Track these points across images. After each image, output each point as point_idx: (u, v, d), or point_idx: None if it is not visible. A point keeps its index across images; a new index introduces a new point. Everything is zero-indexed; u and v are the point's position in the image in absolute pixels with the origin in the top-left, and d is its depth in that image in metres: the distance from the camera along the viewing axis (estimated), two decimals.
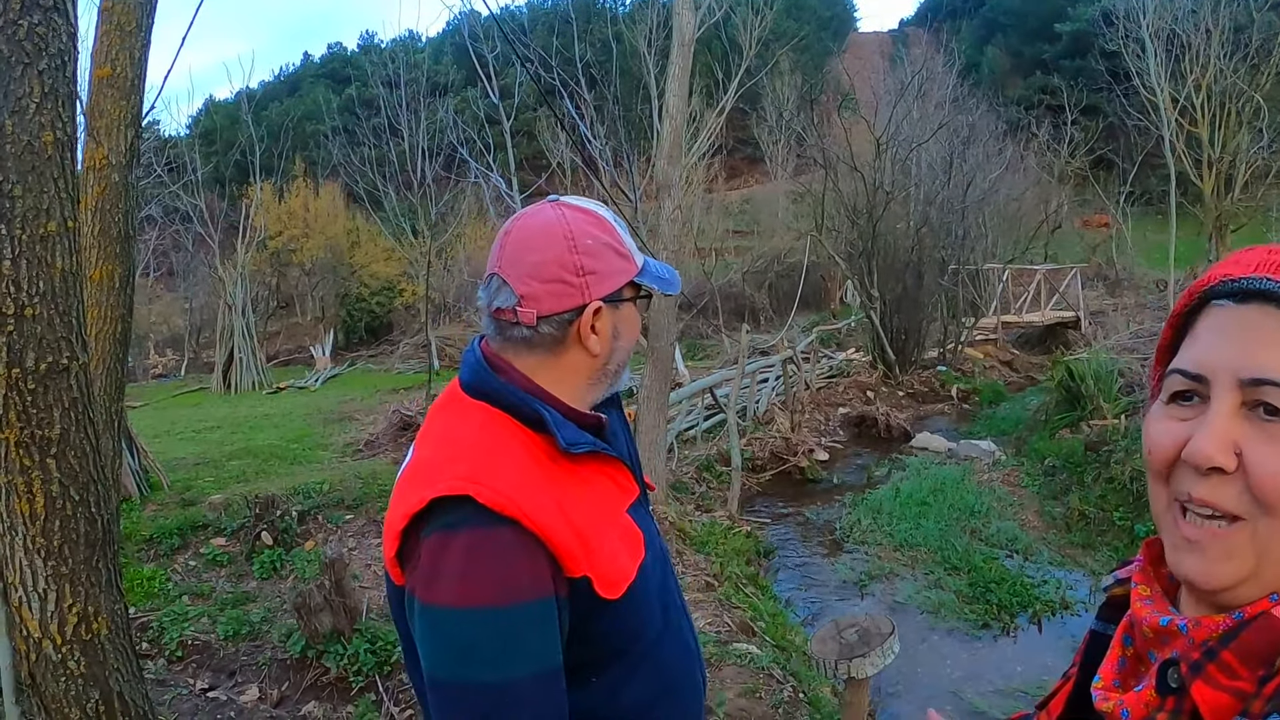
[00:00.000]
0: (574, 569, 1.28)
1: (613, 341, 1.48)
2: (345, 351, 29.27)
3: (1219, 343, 0.74)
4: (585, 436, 1.41)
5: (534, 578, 1.25)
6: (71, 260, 2.41)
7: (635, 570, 1.38)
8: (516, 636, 1.24)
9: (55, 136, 2.33)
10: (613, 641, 1.38)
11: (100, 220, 3.55)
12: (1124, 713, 0.75)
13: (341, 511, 7.83)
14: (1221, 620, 0.72)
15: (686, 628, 1.55)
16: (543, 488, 1.30)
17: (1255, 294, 0.73)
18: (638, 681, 1.42)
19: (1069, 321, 21.38)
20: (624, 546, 1.39)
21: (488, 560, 1.23)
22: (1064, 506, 9.10)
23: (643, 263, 1.50)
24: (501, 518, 1.23)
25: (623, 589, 1.34)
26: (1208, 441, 0.71)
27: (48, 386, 2.37)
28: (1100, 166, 30.61)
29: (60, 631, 2.51)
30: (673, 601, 1.52)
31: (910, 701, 5.76)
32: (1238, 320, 0.74)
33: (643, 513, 1.52)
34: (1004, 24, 48.58)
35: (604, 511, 1.40)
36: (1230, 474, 0.71)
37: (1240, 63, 21.29)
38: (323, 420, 14.51)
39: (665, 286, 1.53)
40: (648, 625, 1.43)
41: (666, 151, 11.16)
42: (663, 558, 1.53)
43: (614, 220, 1.48)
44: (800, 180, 27.74)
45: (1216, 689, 0.69)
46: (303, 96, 47.01)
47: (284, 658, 5.29)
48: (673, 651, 1.49)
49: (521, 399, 1.39)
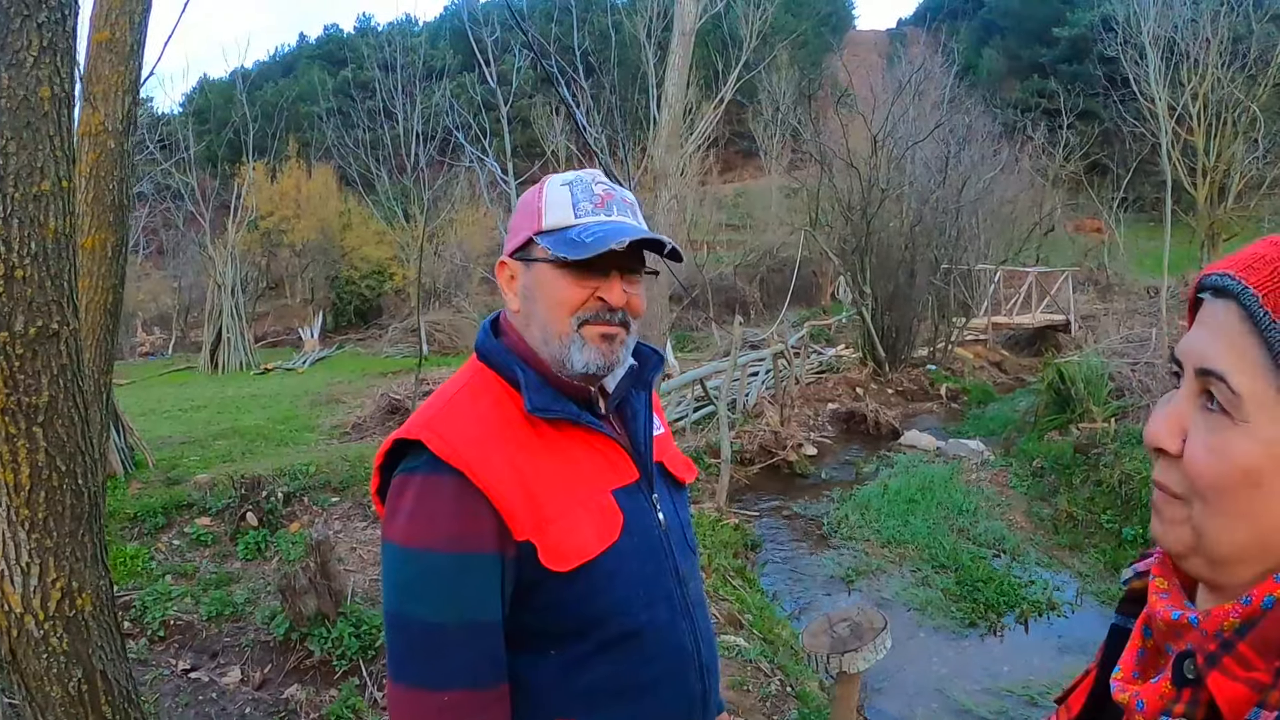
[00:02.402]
0: (518, 532, 1.31)
1: (527, 303, 1.46)
2: (334, 334, 29.17)
3: (1194, 333, 0.79)
4: (560, 404, 1.42)
5: (472, 530, 1.30)
6: (65, 221, 2.34)
7: (599, 550, 1.37)
8: (450, 583, 1.30)
9: (53, 92, 2.26)
10: (565, 618, 1.38)
11: (94, 187, 3.48)
12: (1139, 704, 0.76)
13: (328, 494, 7.79)
14: (1231, 608, 0.73)
15: (685, 629, 1.50)
16: (499, 446, 1.35)
17: (1220, 290, 0.77)
18: (599, 668, 1.40)
19: (1059, 325, 21.44)
20: (591, 524, 1.38)
21: (432, 506, 1.30)
22: (1052, 508, 9.11)
23: (557, 224, 1.43)
24: (448, 467, 1.29)
25: (573, 564, 1.34)
26: (1154, 423, 0.79)
27: (36, 352, 2.30)
28: (1094, 171, 30.71)
29: (43, 607, 2.45)
30: (667, 597, 1.47)
31: (897, 698, 5.76)
32: (1208, 313, 0.78)
33: (638, 499, 1.48)
34: (1002, 26, 48.77)
35: (576, 484, 1.40)
36: (1176, 457, 0.76)
37: (1238, 73, 21.38)
38: (310, 402, 14.44)
39: (570, 249, 1.39)
40: (615, 612, 1.40)
41: (664, 140, 11.12)
42: (656, 549, 1.48)
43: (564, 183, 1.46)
44: (795, 175, 27.73)
45: (1233, 680, 0.70)
46: (298, 77, 46.85)
47: (267, 640, 5.25)
48: (658, 649, 1.44)
49: (504, 359, 1.45)
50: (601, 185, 1.47)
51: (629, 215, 1.46)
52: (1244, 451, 0.72)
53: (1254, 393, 0.72)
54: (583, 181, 1.46)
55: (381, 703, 4.70)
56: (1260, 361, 0.72)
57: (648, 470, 1.52)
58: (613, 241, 1.35)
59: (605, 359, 1.43)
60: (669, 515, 1.54)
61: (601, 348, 1.42)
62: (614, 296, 1.41)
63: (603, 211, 1.44)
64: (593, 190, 1.46)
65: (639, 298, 1.47)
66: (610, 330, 1.43)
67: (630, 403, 1.58)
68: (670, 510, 1.55)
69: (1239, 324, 0.74)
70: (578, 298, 1.41)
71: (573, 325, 1.41)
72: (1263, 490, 0.72)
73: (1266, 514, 0.72)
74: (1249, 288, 0.74)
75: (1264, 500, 0.72)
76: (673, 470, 1.64)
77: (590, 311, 1.42)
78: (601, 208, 1.45)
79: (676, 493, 1.63)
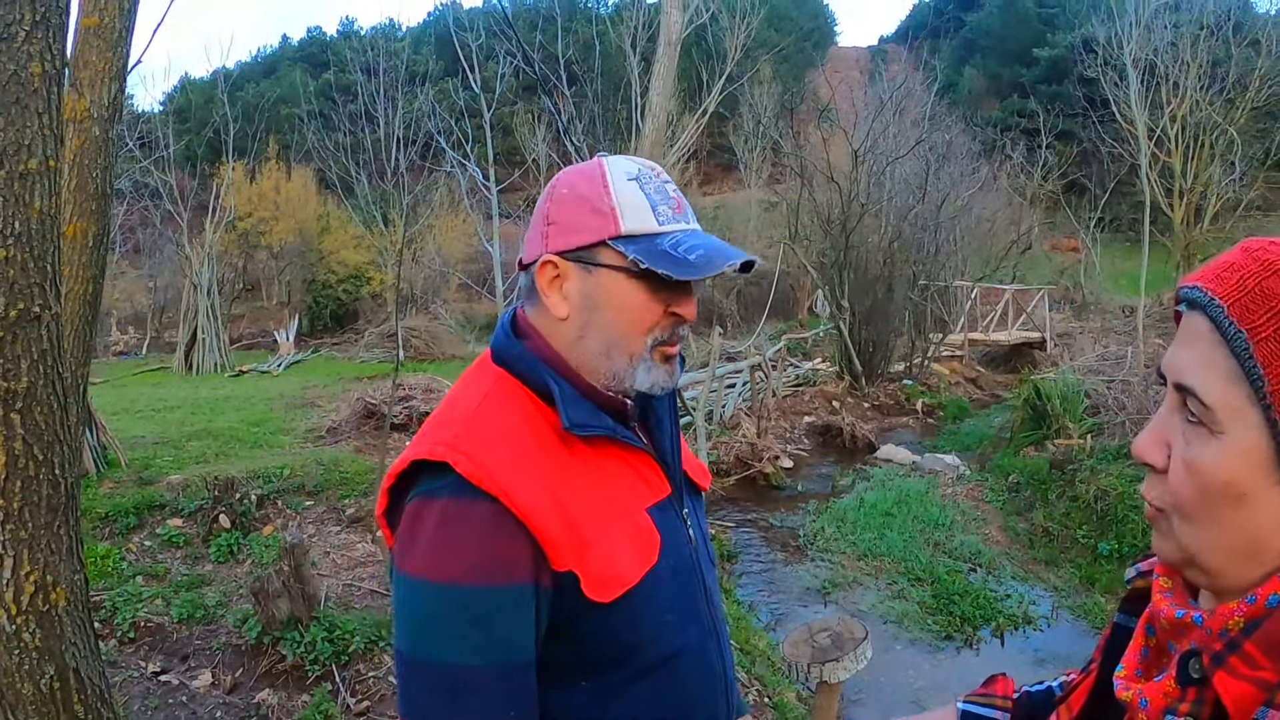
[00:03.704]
0: (559, 562, 1.18)
1: (585, 312, 1.29)
2: (309, 338, 29.00)
3: (1174, 344, 0.80)
4: (599, 419, 1.28)
5: (510, 561, 1.16)
6: (50, 202, 2.28)
7: (639, 576, 1.24)
8: (482, 621, 1.16)
9: (43, 68, 2.21)
10: (604, 648, 1.26)
11: (78, 175, 3.41)
12: (1142, 702, 0.75)
13: (302, 497, 7.74)
14: (1235, 607, 0.72)
15: (713, 649, 1.39)
16: (536, 467, 1.20)
17: (1192, 303, 0.78)
18: (635, 697, 1.29)
19: (1035, 342, 21.60)
20: (630, 548, 1.26)
21: (461, 534, 1.16)
22: (1028, 523, 9.14)
23: (639, 229, 1.27)
24: (480, 491, 1.15)
25: (616, 593, 1.21)
26: (1140, 439, 0.80)
27: (17, 335, 2.24)
28: (1072, 191, 31.01)
29: (16, 601, 2.39)
30: (697, 617, 1.36)
31: (873, 709, 5.75)
32: (1184, 326, 0.79)
33: (670, 515, 1.36)
34: (983, 46, 49.30)
35: (614, 505, 1.27)
36: (1161, 472, 0.77)
37: (1216, 96, 21.67)
38: (285, 405, 14.31)
39: (673, 267, 1.24)
40: (653, 639, 1.28)
41: (647, 150, 11.12)
42: (689, 567, 1.37)
43: (630, 177, 1.29)
44: (775, 189, 27.84)
45: (1239, 680, 0.69)
46: (279, 79, 46.71)
47: (239, 643, 5.20)
48: (689, 672, 1.33)
49: (532, 367, 1.30)
50: (671, 185, 1.33)
51: (696, 222, 1.34)
52: (1222, 465, 0.72)
53: (1225, 403, 0.73)
54: (650, 178, 1.31)
55: (355, 708, 4.65)
56: (1230, 371, 0.73)
57: (678, 483, 1.42)
58: (724, 264, 1.24)
59: (670, 379, 1.34)
60: (696, 530, 1.44)
61: (667, 369, 1.33)
62: (690, 313, 1.31)
63: (681, 219, 1.31)
64: (667, 193, 1.31)
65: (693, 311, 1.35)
66: (673, 351, 1.33)
67: (654, 409, 1.46)
68: (696, 524, 1.46)
69: (1209, 335, 0.75)
70: (654, 315, 1.29)
71: (647, 345, 1.30)
72: (1246, 501, 0.72)
73: (1252, 523, 0.72)
74: (1214, 299, 0.75)
75: (1249, 511, 0.72)
76: (694, 478, 1.52)
77: (666, 331, 1.30)
78: (680, 213, 1.31)
79: (699, 502, 1.53)
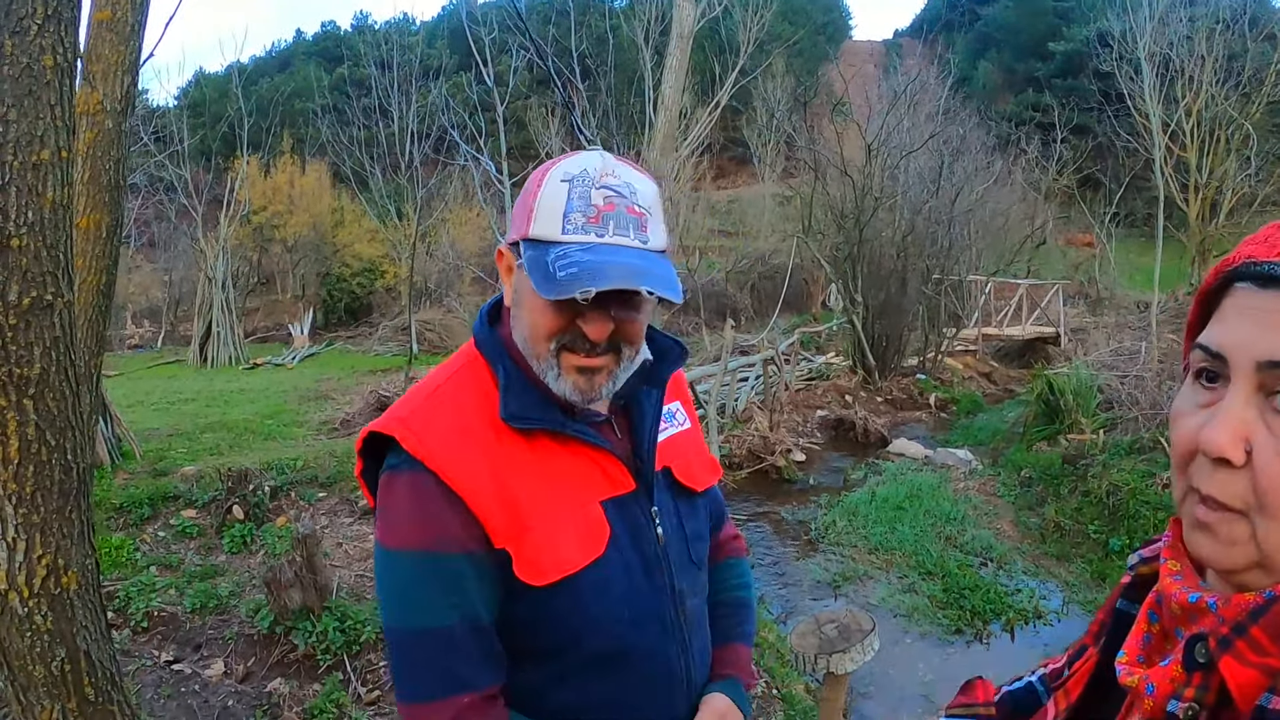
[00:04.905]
0: (496, 539, 1.24)
1: (515, 306, 1.33)
2: (324, 331, 29.07)
3: (1240, 324, 0.73)
4: (544, 412, 1.30)
5: (455, 532, 1.23)
6: (63, 192, 2.30)
7: (580, 566, 1.27)
8: (440, 584, 1.24)
9: (55, 61, 2.23)
10: (543, 633, 1.30)
11: (91, 167, 3.45)
12: (1149, 687, 0.74)
13: (314, 489, 7.78)
14: (1252, 599, 0.70)
15: (675, 652, 1.39)
16: (480, 448, 1.26)
17: (1276, 279, 0.71)
18: (579, 688, 1.33)
19: (1049, 337, 21.48)
20: (574, 537, 1.28)
21: (412, 505, 1.24)
22: (1039, 517, 9.11)
23: (542, 235, 1.23)
24: (422, 466, 1.22)
25: (551, 578, 1.25)
26: (1219, 431, 0.70)
27: (30, 323, 2.27)
28: (1087, 186, 30.82)
29: (28, 584, 2.42)
30: (658, 617, 1.37)
31: (882, 703, 5.76)
32: (1259, 304, 0.72)
33: (631, 511, 1.36)
34: (998, 40, 49.00)
35: (562, 493, 1.29)
36: (1238, 468, 0.70)
37: (1232, 90, 21.54)
38: (299, 398, 14.40)
39: (541, 281, 1.20)
40: (597, 632, 1.31)
41: (659, 143, 11.14)
42: (651, 566, 1.37)
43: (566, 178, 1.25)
44: (788, 183, 27.77)
45: (1245, 665, 0.68)
46: (294, 73, 46.75)
47: (251, 633, 5.24)
48: (641, 672, 1.35)
49: (493, 353, 1.34)
50: (605, 190, 1.24)
51: (629, 233, 1.24)
52: None
53: None
54: (587, 179, 1.24)
55: (366, 697, 4.68)
56: None
57: (647, 480, 1.40)
58: (578, 289, 1.16)
59: (582, 394, 1.29)
60: (670, 528, 1.42)
61: (577, 381, 1.28)
62: (594, 331, 1.24)
63: (595, 229, 1.22)
64: (591, 196, 1.23)
65: (637, 322, 1.29)
66: (590, 363, 1.27)
67: (639, 402, 1.43)
68: (673, 523, 1.43)
69: None
70: (553, 323, 1.25)
71: (551, 350, 1.27)
72: None
73: None
74: None
75: None
76: (681, 477, 1.48)
77: (569, 339, 1.26)
78: (595, 222, 1.22)
79: (686, 503, 1.48)
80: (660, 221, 1.31)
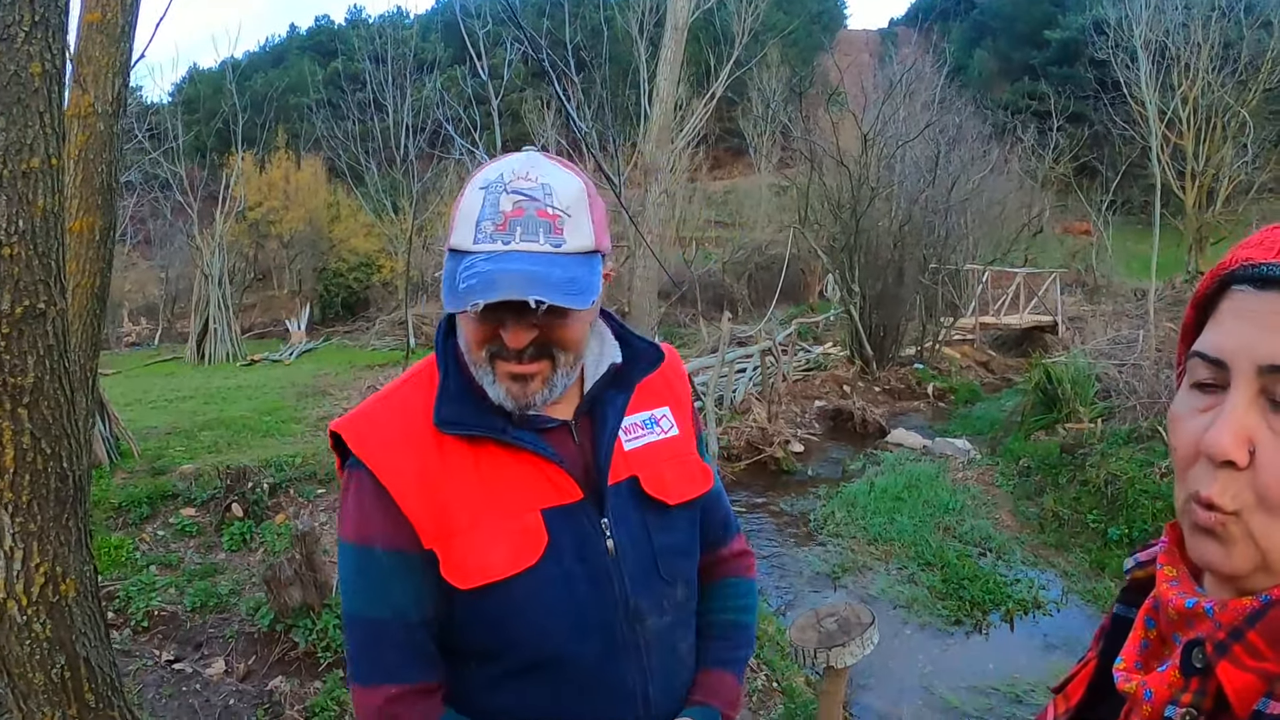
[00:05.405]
0: (425, 540, 1.26)
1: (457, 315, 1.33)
2: (321, 326, 29.05)
3: (1239, 328, 0.72)
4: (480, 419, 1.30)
5: (383, 529, 1.27)
6: (54, 199, 2.30)
7: (509, 573, 1.26)
8: (384, 578, 1.29)
9: (43, 68, 2.23)
10: (477, 637, 1.31)
11: (83, 169, 3.44)
12: (1147, 693, 0.74)
13: (313, 485, 7.77)
14: (1249, 603, 0.70)
15: (628, 667, 1.36)
16: (415, 450, 1.29)
17: (1275, 281, 0.70)
18: (517, 692, 1.33)
19: (1046, 326, 21.51)
20: (505, 544, 1.27)
21: (354, 502, 1.30)
22: (1038, 507, 9.12)
23: (458, 245, 1.23)
24: (362, 464, 1.27)
25: (475, 583, 1.25)
26: (1222, 433, 0.69)
27: (23, 331, 2.26)
28: (1083, 174, 30.85)
29: (26, 592, 2.43)
30: (605, 629, 1.34)
31: (882, 695, 5.77)
32: (1258, 306, 0.71)
33: (577, 520, 1.32)
34: (994, 28, 48.99)
35: (496, 498, 1.28)
36: (1241, 470, 0.69)
37: (1228, 78, 21.54)
38: (296, 394, 14.37)
39: (448, 292, 1.21)
40: (529, 640, 1.30)
41: (655, 135, 11.13)
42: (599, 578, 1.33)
43: (483, 185, 1.24)
44: (785, 173, 27.75)
45: (1242, 670, 0.68)
46: (288, 68, 46.75)
47: (251, 631, 5.24)
48: (580, 684, 1.33)
49: (441, 359, 1.36)
50: (515, 195, 1.21)
51: (539, 238, 1.21)
52: None
53: None
54: (500, 185, 1.22)
55: None
56: None
57: (599, 489, 1.35)
58: (469, 304, 1.16)
59: (517, 400, 1.27)
60: (626, 540, 1.36)
61: (511, 388, 1.27)
62: (512, 339, 1.23)
63: (502, 236, 1.20)
64: (500, 202, 1.21)
65: (567, 328, 1.25)
66: (521, 370, 1.26)
67: (601, 411, 1.40)
68: (632, 535, 1.37)
69: None
70: (479, 333, 1.25)
71: (484, 358, 1.27)
72: None
73: None
74: None
75: None
76: (650, 487, 1.41)
77: (496, 347, 1.25)
78: (503, 230, 1.20)
79: (656, 515, 1.41)
80: (584, 219, 1.26)
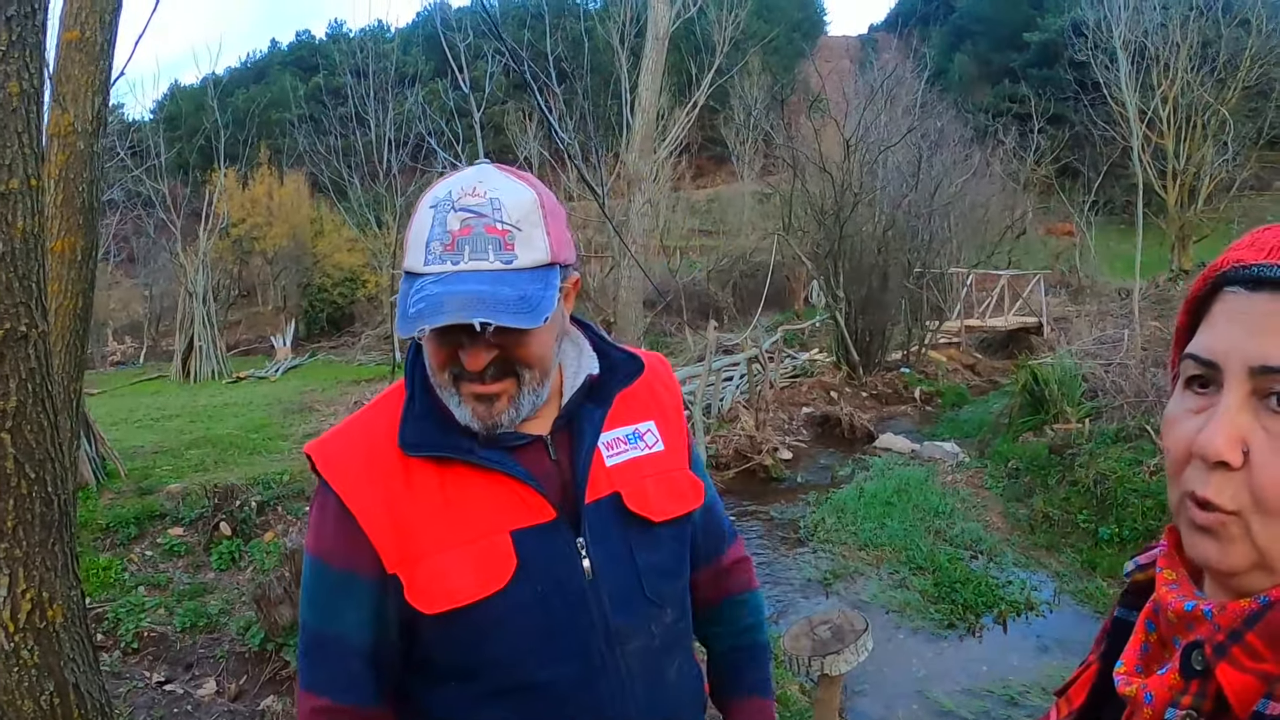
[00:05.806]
0: (388, 564, 1.25)
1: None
2: (306, 342, 28.94)
3: (1231, 329, 0.72)
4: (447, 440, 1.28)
5: (347, 550, 1.27)
6: (33, 221, 2.27)
7: (476, 597, 1.23)
8: (331, 595, 1.30)
9: (21, 88, 2.20)
10: (449, 660, 1.30)
11: (64, 189, 3.40)
12: (1147, 696, 0.74)
13: (302, 502, 7.73)
14: (1247, 605, 0.70)
15: (607, 691, 1.32)
16: (380, 473, 1.27)
17: (1266, 282, 0.71)
18: (491, 713, 1.31)
19: (1032, 327, 21.58)
20: (472, 567, 1.24)
21: (317, 518, 1.31)
22: (1028, 509, 9.14)
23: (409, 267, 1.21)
24: (329, 486, 1.27)
25: (441, 607, 1.23)
26: (1215, 434, 0.70)
27: (4, 355, 2.23)
28: (1065, 175, 30.99)
29: (13, 619, 2.40)
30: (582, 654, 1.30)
31: (877, 700, 5.76)
32: (1249, 307, 0.71)
33: (551, 541, 1.29)
34: (973, 31, 49.20)
35: (462, 520, 1.26)
36: (1235, 470, 0.69)
37: (1207, 76, 21.69)
38: (283, 410, 14.34)
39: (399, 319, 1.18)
40: (502, 663, 1.28)
41: (637, 145, 11.14)
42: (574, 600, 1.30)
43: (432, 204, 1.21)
44: (768, 180, 27.81)
45: (1242, 671, 0.68)
46: (269, 84, 46.64)
47: (242, 650, 5.21)
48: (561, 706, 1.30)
49: (409, 380, 1.35)
50: (463, 213, 1.18)
51: (488, 256, 1.18)
52: None
53: None
54: (449, 203, 1.19)
55: None
56: None
57: (574, 508, 1.32)
58: (417, 329, 1.15)
59: (483, 421, 1.25)
60: (605, 560, 1.32)
61: (476, 408, 1.25)
62: (469, 361, 1.21)
63: (451, 256, 1.17)
64: (448, 221, 1.19)
65: (526, 347, 1.22)
66: (484, 390, 1.24)
67: (579, 427, 1.36)
68: (612, 554, 1.34)
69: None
70: (440, 356, 1.24)
71: (448, 379, 1.25)
72: None
73: None
74: None
75: None
76: (633, 504, 1.37)
77: (457, 368, 1.23)
78: (451, 250, 1.18)
79: (641, 532, 1.37)
80: (537, 233, 1.22)
